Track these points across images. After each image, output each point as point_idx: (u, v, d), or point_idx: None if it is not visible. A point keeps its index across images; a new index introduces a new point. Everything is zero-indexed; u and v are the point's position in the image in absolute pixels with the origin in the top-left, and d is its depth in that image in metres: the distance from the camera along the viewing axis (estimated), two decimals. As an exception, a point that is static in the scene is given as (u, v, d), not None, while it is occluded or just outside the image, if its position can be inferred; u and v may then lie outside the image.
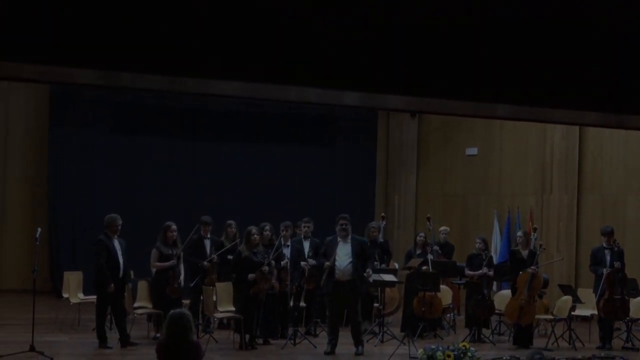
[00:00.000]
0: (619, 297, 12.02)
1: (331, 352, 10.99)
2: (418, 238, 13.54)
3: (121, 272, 11.03)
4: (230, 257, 12.10)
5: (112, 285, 10.82)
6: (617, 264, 12.08)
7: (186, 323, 7.45)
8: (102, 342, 10.92)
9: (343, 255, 11.08)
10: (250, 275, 11.06)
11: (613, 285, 12.02)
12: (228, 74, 5.64)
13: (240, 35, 5.56)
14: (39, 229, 10.90)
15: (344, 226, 11.12)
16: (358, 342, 11.10)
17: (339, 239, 11.16)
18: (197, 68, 5.61)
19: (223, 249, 12.28)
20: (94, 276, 11.10)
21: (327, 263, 11.05)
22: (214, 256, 12.25)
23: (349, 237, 11.17)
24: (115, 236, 11.08)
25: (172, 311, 7.75)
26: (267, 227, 11.83)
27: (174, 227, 11.53)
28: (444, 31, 5.88)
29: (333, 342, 11.04)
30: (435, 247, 13.31)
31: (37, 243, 10.69)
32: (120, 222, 11.15)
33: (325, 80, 5.75)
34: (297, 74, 5.73)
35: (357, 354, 11.02)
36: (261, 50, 5.60)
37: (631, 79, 6.07)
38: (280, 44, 5.62)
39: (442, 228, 13.64)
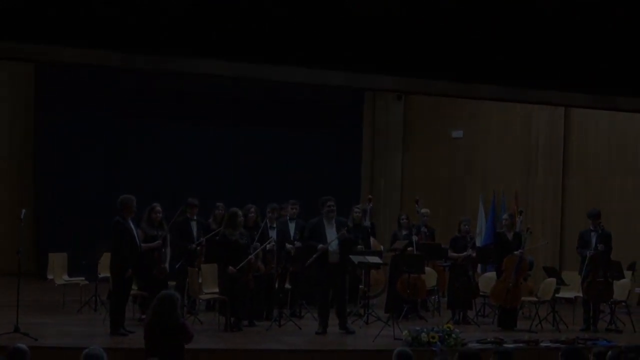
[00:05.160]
0: (602, 279, 12.10)
1: (323, 332, 11.07)
2: (401, 220, 13.55)
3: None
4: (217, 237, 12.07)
5: (130, 270, 10.45)
6: (600, 247, 12.14)
7: (172, 304, 7.45)
8: (118, 327, 10.42)
9: (331, 237, 11.12)
10: (231, 269, 11.00)
11: (596, 267, 12.09)
12: (215, 53, 5.61)
13: (228, 15, 5.53)
14: (24, 210, 10.80)
15: (332, 207, 11.18)
16: (344, 321, 11.17)
17: (325, 221, 11.19)
18: (183, 47, 5.57)
19: (212, 233, 12.22)
20: (113, 260, 10.59)
21: (322, 245, 11.08)
22: (203, 239, 12.21)
23: (334, 218, 11.21)
24: (130, 218, 10.64)
25: (160, 292, 7.76)
26: (252, 209, 11.80)
27: (159, 208, 11.37)
28: (430, 12, 5.86)
29: (324, 323, 11.09)
30: (424, 229, 13.33)
31: (22, 224, 10.61)
32: (135, 202, 10.68)
33: (314, 60, 5.73)
34: (285, 54, 5.70)
35: (350, 332, 11.11)
36: (249, 30, 5.57)
37: (619, 61, 6.08)
38: (269, 25, 5.59)
39: (423, 210, 13.65)
